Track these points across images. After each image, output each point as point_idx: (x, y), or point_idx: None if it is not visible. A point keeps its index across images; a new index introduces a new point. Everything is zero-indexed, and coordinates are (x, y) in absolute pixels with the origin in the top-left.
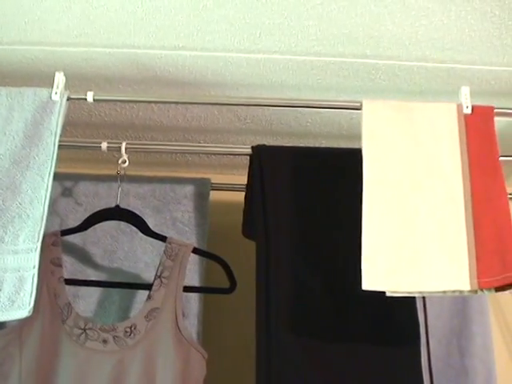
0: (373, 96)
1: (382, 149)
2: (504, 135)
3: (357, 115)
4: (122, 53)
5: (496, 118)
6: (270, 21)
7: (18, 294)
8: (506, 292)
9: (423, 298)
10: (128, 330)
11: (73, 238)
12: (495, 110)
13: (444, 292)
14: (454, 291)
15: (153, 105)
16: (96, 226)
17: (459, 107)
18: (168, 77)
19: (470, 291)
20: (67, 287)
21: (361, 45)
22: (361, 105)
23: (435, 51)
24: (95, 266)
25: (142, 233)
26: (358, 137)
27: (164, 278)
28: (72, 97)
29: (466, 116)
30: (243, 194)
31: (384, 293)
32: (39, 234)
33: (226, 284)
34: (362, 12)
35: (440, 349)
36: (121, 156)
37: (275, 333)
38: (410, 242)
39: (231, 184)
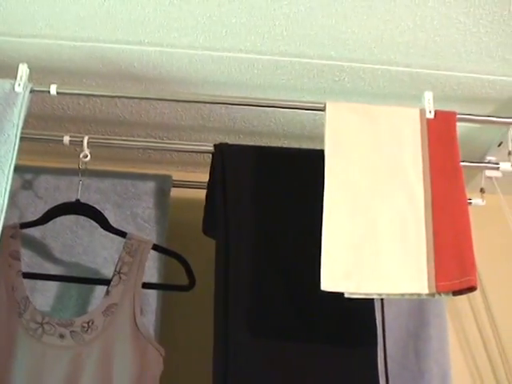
0: (336, 98)
1: (345, 151)
2: (465, 141)
3: (320, 116)
4: (87, 46)
5: (458, 124)
6: (236, 19)
7: None
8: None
9: (381, 299)
10: (85, 325)
11: (32, 232)
12: (457, 116)
13: (402, 295)
14: (412, 294)
15: (116, 100)
16: (56, 219)
17: (422, 112)
18: (132, 72)
19: (427, 294)
20: (25, 281)
21: (326, 46)
22: (324, 106)
23: (400, 55)
24: (54, 259)
25: (102, 228)
26: (321, 138)
27: (123, 273)
28: (35, 89)
29: (428, 121)
30: (204, 191)
31: (343, 294)
32: None
33: (185, 281)
34: (328, 14)
35: (396, 351)
36: (83, 150)
37: (233, 333)
38: (369, 244)
39: (193, 181)
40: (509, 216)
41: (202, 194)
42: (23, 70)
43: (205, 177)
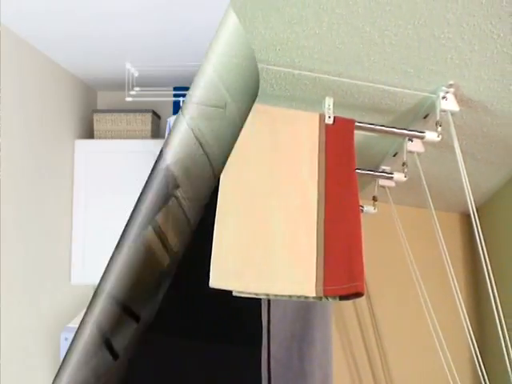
0: None
1: (242, 150)
2: (362, 149)
3: None
4: None
5: (356, 132)
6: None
7: None
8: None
9: (268, 300)
10: None
11: None
12: (356, 124)
13: (290, 296)
14: (299, 296)
15: None
16: None
17: (321, 117)
18: None
19: (314, 297)
20: None
21: None
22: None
23: (304, 59)
24: None
25: None
26: None
27: None
28: None
29: (327, 126)
30: None
31: (231, 292)
32: None
33: None
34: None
35: (280, 352)
36: None
37: None
38: (260, 245)
39: None
40: (399, 225)
41: None
42: None
43: None
